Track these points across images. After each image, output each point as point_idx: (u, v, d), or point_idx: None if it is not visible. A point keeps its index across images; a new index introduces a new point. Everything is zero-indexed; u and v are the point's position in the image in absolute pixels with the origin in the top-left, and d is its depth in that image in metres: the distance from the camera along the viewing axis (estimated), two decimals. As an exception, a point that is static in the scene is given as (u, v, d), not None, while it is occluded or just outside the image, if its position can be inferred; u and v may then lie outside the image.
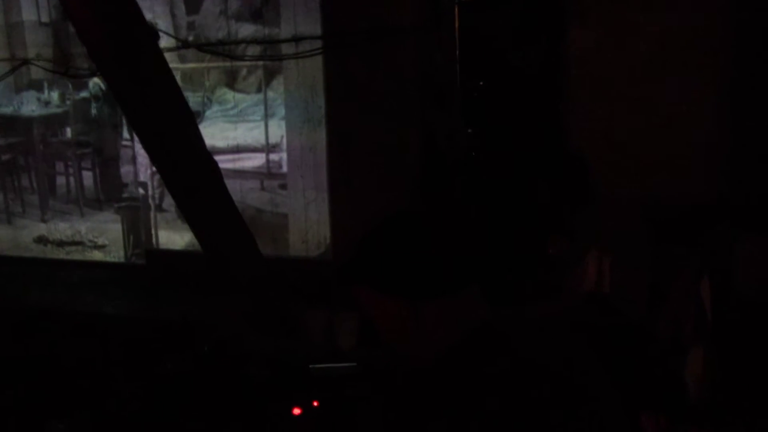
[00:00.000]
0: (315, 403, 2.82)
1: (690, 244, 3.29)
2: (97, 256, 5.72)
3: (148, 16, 3.80)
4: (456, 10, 4.07)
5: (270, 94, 5.02)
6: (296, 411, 2.81)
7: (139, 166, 5.48)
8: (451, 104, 4.18)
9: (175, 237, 5.42)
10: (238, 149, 5.12)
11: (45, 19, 5.53)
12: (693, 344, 2.93)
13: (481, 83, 4.12)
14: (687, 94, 3.79)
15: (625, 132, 3.87)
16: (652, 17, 3.81)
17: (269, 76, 5.00)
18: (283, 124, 4.99)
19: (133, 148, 5.46)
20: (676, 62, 3.79)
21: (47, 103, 5.66)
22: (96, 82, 5.41)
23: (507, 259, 2.98)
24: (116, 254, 5.66)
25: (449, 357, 1.96)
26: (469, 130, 4.16)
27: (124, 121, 5.37)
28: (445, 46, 4.13)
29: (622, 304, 2.96)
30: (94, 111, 5.53)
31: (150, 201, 5.51)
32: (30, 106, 5.71)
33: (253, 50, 4.87)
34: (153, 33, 3.98)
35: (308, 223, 4.99)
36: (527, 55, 4.05)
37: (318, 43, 4.60)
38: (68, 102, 5.59)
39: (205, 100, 5.17)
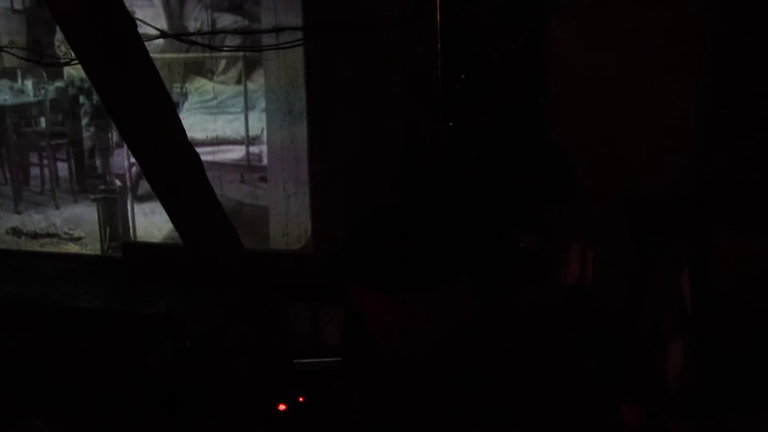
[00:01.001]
0: (300, 399, 2.81)
1: (671, 237, 3.34)
2: (72, 248, 5.64)
3: (126, 3, 3.74)
4: (438, 2, 4.06)
5: (250, 85, 4.96)
6: (281, 407, 2.80)
7: (116, 156, 5.40)
8: (433, 97, 4.17)
9: (153, 229, 5.36)
10: (217, 141, 5.07)
11: (18, 6, 5.42)
12: (673, 335, 2.96)
13: (463, 76, 4.13)
14: (666, 88, 3.84)
15: (606, 125, 3.91)
16: (631, 12, 3.85)
17: (249, 67, 4.94)
18: (263, 116, 4.94)
19: (110, 138, 5.38)
20: (655, 56, 3.83)
21: (21, 92, 5.55)
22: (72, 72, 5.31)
23: (489, 251, 2.99)
24: (92, 247, 5.58)
25: (439, 351, 1.96)
26: (451, 123, 4.16)
27: (100, 112, 5.29)
28: (427, 39, 4.12)
29: (605, 296, 2.98)
30: (69, 100, 5.44)
31: (127, 192, 5.43)
32: (3, 95, 5.59)
33: (233, 41, 4.81)
34: (132, 21, 3.91)
35: (289, 217, 4.95)
36: (508, 48, 4.06)
37: (299, 34, 4.55)
38: (43, 91, 5.49)
39: (184, 91, 5.10)
